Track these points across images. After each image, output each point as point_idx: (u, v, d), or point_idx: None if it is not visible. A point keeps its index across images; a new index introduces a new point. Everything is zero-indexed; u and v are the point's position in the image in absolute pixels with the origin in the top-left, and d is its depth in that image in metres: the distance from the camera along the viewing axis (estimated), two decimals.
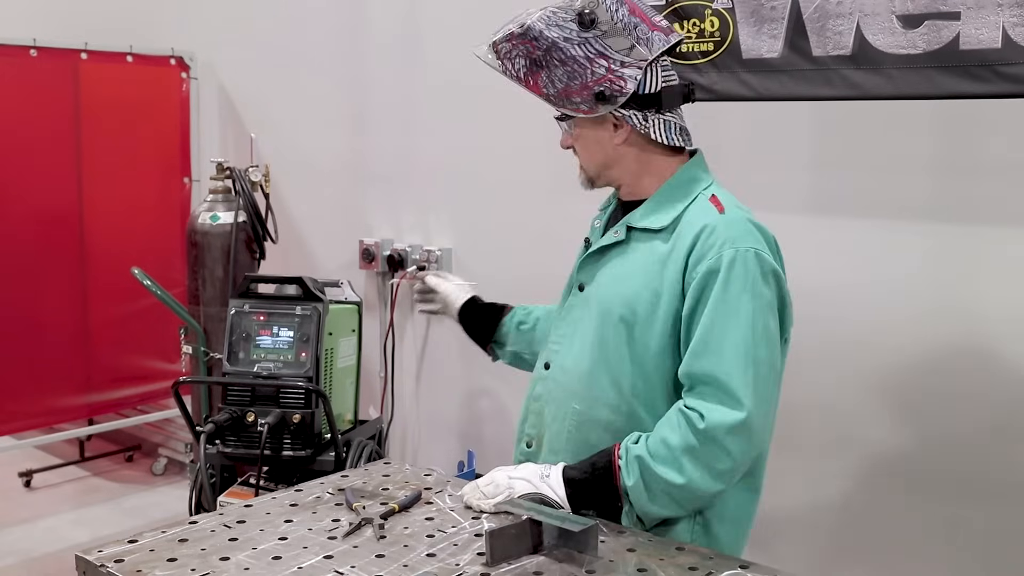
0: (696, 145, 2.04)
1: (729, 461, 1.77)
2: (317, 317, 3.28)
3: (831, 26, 2.41)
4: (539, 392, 2.04)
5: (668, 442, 1.78)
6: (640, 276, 1.90)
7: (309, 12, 4.41)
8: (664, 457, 1.78)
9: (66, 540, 4.26)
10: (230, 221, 3.83)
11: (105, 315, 4.65)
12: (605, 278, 1.97)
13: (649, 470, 1.79)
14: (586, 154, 1.99)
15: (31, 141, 4.37)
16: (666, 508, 1.83)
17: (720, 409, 1.75)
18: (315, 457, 3.23)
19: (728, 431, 1.75)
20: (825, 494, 3.01)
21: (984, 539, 2.71)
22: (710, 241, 1.83)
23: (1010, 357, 2.62)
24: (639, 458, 1.81)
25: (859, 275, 2.86)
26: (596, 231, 2.06)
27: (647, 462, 1.79)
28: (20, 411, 4.42)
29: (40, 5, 5.72)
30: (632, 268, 1.93)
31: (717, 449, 1.76)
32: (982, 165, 2.65)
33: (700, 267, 1.82)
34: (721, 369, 1.77)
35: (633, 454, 1.82)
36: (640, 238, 1.94)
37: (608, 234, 1.98)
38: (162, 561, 1.63)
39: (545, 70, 1.87)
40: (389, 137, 4.17)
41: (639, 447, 1.82)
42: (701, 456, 1.76)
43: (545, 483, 1.85)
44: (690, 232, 1.86)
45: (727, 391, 1.76)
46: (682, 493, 1.80)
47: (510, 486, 1.86)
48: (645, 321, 1.88)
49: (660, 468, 1.78)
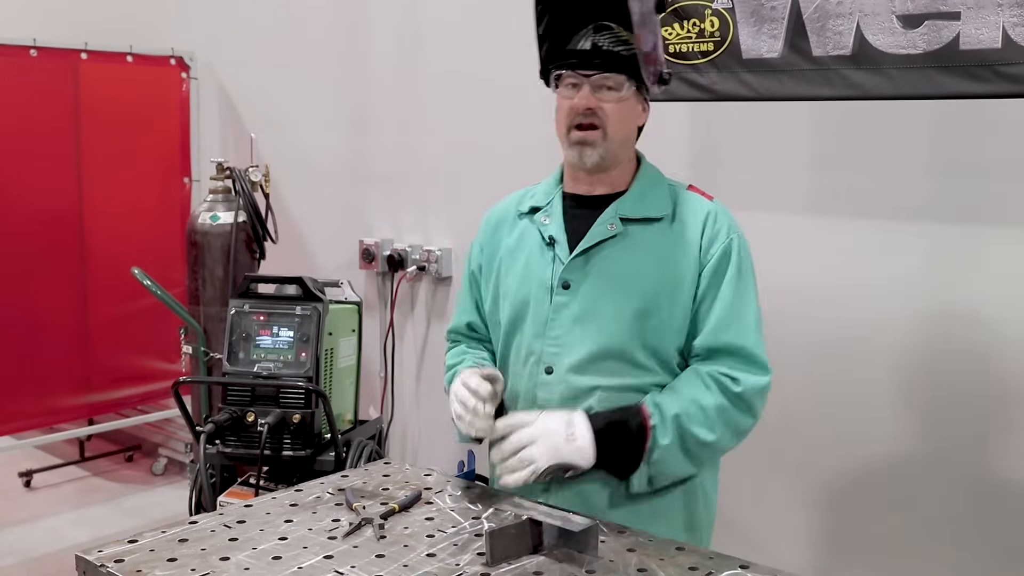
0: (696, 145, 2.05)
1: (752, 421, 1.92)
2: (317, 317, 3.28)
3: (831, 26, 2.41)
4: (545, 399, 1.97)
5: (701, 403, 1.86)
6: (653, 264, 1.92)
7: (309, 12, 4.41)
8: (697, 416, 1.86)
9: (66, 540, 4.26)
10: (230, 221, 3.83)
11: (105, 315, 4.65)
12: (607, 271, 1.94)
13: (685, 429, 1.86)
14: (621, 123, 1.93)
15: (31, 141, 4.37)
16: (686, 468, 1.91)
17: (748, 375, 1.89)
18: (315, 457, 3.23)
19: (757, 393, 1.89)
20: (825, 494, 3.01)
21: (984, 539, 2.71)
22: (717, 226, 1.95)
23: (1010, 357, 2.62)
24: (677, 417, 1.85)
25: (859, 275, 2.86)
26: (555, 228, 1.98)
27: (683, 421, 1.85)
28: (20, 411, 4.42)
29: (40, 5, 5.72)
30: (639, 257, 1.93)
31: (746, 410, 1.89)
32: (982, 165, 2.65)
33: (713, 250, 1.93)
34: (747, 340, 1.90)
35: (670, 413, 1.86)
36: (637, 228, 1.95)
37: (599, 229, 1.95)
38: (162, 561, 1.63)
39: (647, 29, 1.86)
40: (389, 137, 4.17)
41: (673, 406, 1.86)
42: (731, 417, 1.88)
43: (572, 447, 1.83)
44: (695, 219, 1.95)
45: (753, 359, 1.90)
46: (707, 451, 1.90)
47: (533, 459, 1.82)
48: (667, 305, 1.92)
49: (695, 428, 1.86)
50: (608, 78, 1.89)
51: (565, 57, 1.92)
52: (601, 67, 1.89)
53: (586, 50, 1.90)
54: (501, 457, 1.86)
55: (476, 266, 2.16)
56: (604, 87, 1.89)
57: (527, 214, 2.07)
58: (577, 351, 1.94)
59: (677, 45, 2.68)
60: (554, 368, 1.96)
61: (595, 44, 1.89)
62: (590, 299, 1.94)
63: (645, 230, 1.95)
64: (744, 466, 2.27)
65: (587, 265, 1.96)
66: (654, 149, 2.11)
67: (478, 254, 2.16)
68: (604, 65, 1.89)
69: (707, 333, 1.91)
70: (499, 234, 2.11)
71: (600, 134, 1.91)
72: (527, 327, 2.00)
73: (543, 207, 2.04)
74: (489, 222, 2.16)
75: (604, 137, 1.91)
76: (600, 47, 1.89)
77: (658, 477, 1.89)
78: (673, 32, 2.68)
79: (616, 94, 1.90)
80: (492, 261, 2.11)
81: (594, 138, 1.91)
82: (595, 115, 1.90)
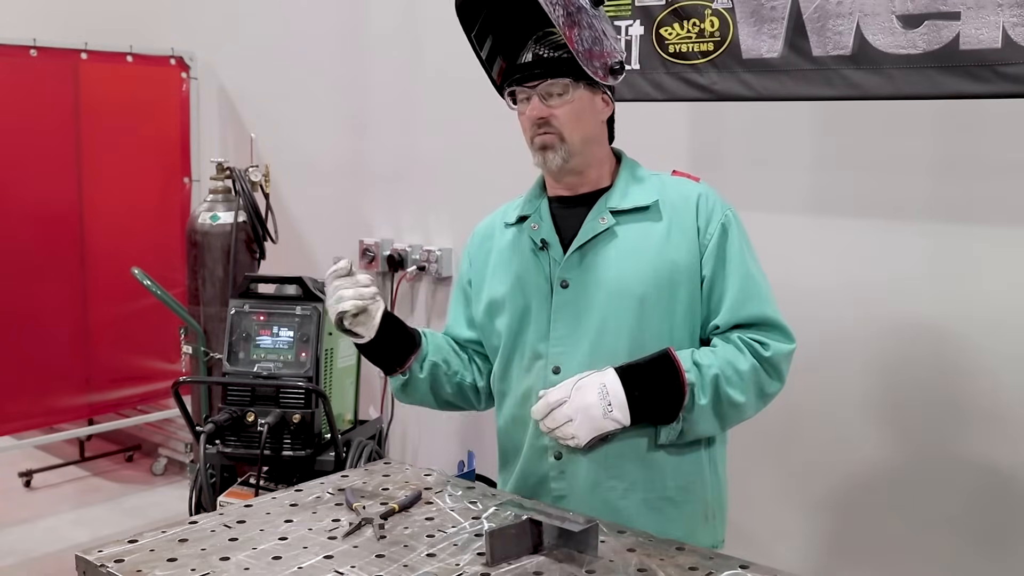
0: (696, 145, 2.05)
1: (779, 384, 1.94)
2: (317, 317, 3.28)
3: (831, 26, 2.41)
4: None
5: (737, 365, 1.89)
6: (649, 250, 1.93)
7: (309, 12, 4.41)
8: (733, 379, 1.88)
9: (66, 540, 4.27)
10: (230, 221, 3.83)
11: (105, 315, 4.65)
12: (604, 264, 1.94)
13: (722, 390, 1.88)
14: (578, 124, 1.95)
15: (31, 141, 4.37)
16: (714, 428, 1.94)
17: (776, 341, 1.93)
18: (315, 457, 3.23)
19: (784, 357, 1.93)
20: (825, 494, 3.01)
21: (984, 540, 2.71)
22: (709, 205, 1.97)
23: (1010, 357, 2.62)
24: (716, 378, 1.87)
25: (858, 275, 2.86)
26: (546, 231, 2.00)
27: (720, 382, 1.87)
28: (20, 411, 4.43)
29: (40, 5, 5.72)
30: (634, 246, 1.94)
31: (775, 374, 1.92)
32: (982, 165, 2.65)
33: (711, 228, 1.95)
34: (768, 310, 1.95)
35: (711, 373, 1.87)
36: (626, 219, 1.96)
37: (591, 224, 1.96)
38: (162, 561, 1.63)
39: (578, 27, 1.88)
40: (389, 137, 4.18)
41: (713, 366, 1.87)
42: (760, 379, 1.91)
43: (610, 418, 1.84)
44: (686, 202, 1.97)
45: (777, 327, 1.95)
46: (736, 413, 1.92)
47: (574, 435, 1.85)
48: (667, 289, 1.93)
49: (730, 390, 1.88)
50: (552, 84, 1.92)
51: (512, 73, 1.98)
52: (541, 75, 1.93)
53: (528, 62, 1.95)
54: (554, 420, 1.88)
55: (466, 280, 2.18)
56: (553, 94, 1.93)
57: (514, 224, 2.07)
58: (583, 348, 1.94)
59: (677, 45, 2.68)
60: (561, 367, 1.96)
61: (536, 54, 1.94)
62: (590, 294, 1.95)
63: (636, 219, 1.96)
64: (744, 466, 2.27)
65: (583, 262, 1.96)
66: (654, 149, 2.11)
67: (467, 268, 2.17)
68: (544, 73, 1.92)
69: (727, 311, 1.94)
70: (486, 247, 2.12)
71: (557, 138, 1.94)
72: (530, 331, 2.01)
73: (531, 214, 2.05)
74: (476, 236, 2.18)
75: (562, 140, 1.94)
76: (541, 56, 1.93)
77: (688, 433, 1.92)
78: (673, 32, 2.68)
79: (563, 98, 1.93)
80: (482, 275, 2.11)
81: (551, 142, 1.94)
82: (548, 123, 1.94)
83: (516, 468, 2.06)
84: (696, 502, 1.98)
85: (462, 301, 2.19)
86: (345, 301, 1.96)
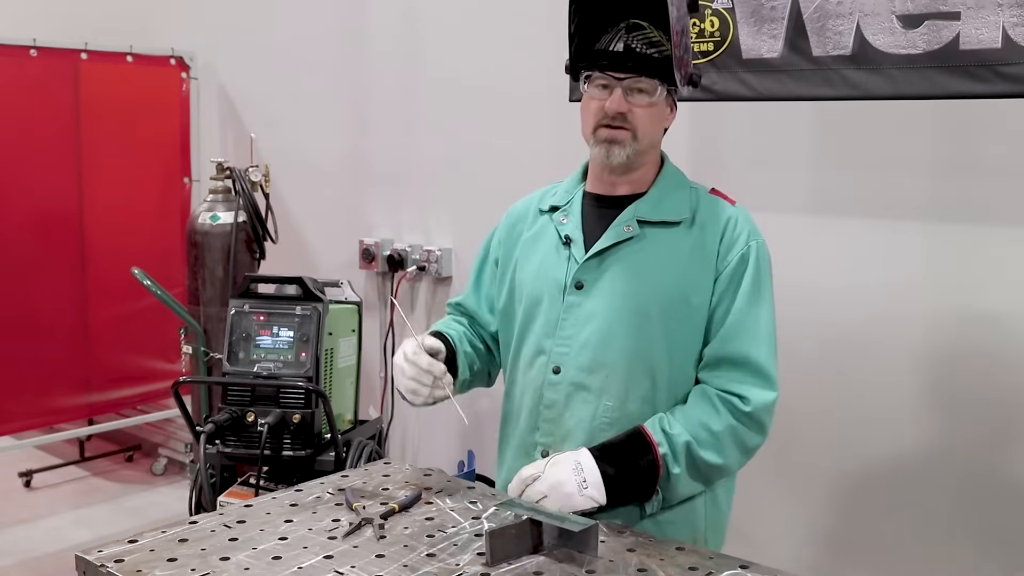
0: (696, 145, 2.04)
1: (762, 438, 1.88)
2: (317, 317, 3.28)
3: (831, 26, 2.42)
4: (552, 399, 1.96)
5: (710, 427, 1.84)
6: (669, 268, 1.90)
7: (309, 12, 4.42)
8: (707, 441, 1.84)
9: (66, 540, 4.27)
10: (230, 221, 3.83)
11: (105, 315, 4.65)
12: (621, 272, 1.92)
13: (696, 456, 1.83)
14: (651, 126, 1.90)
15: (31, 141, 4.37)
16: (695, 489, 1.89)
17: (757, 390, 1.85)
18: (315, 457, 3.23)
19: (766, 410, 1.86)
20: (825, 494, 3.01)
21: (984, 540, 2.71)
22: (736, 232, 1.91)
23: (1010, 357, 2.62)
24: (687, 444, 1.83)
25: (858, 275, 2.86)
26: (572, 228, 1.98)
27: (693, 448, 1.83)
28: (20, 411, 4.43)
29: (40, 5, 5.72)
30: (655, 261, 1.91)
31: (756, 428, 1.86)
32: (982, 165, 2.65)
33: (731, 256, 1.89)
34: (757, 352, 1.86)
35: (680, 441, 1.83)
36: (655, 231, 1.92)
37: (616, 230, 1.93)
38: (162, 561, 1.63)
39: (682, 33, 1.83)
40: (389, 137, 4.18)
41: (682, 433, 1.83)
42: (740, 436, 1.86)
43: (584, 496, 1.81)
44: (715, 224, 1.91)
45: (761, 372, 1.86)
46: (716, 473, 1.88)
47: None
48: (681, 310, 1.89)
49: (705, 453, 1.83)
50: (641, 81, 1.85)
51: (596, 57, 1.88)
52: (634, 70, 1.85)
53: (619, 52, 1.86)
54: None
55: (493, 258, 2.15)
56: (636, 90, 1.86)
57: (547, 212, 2.06)
58: (586, 352, 1.93)
59: None
60: (562, 368, 1.95)
61: (628, 46, 1.85)
62: (602, 300, 1.92)
63: (663, 233, 1.92)
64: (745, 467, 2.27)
65: (601, 266, 1.93)
66: None
67: (496, 246, 2.15)
68: (637, 68, 1.85)
69: (716, 341, 1.88)
70: (518, 229, 2.10)
71: (630, 135, 1.88)
72: (538, 325, 1.99)
73: (563, 206, 2.03)
74: (510, 217, 2.15)
75: (634, 138, 1.88)
76: (634, 49, 1.85)
77: (671, 500, 1.89)
78: None
79: (648, 98, 1.86)
80: (509, 257, 2.10)
81: (623, 137, 1.88)
82: (624, 118, 1.87)
83: (506, 463, 2.09)
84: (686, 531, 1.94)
85: (486, 277, 2.18)
86: (418, 398, 2.02)
